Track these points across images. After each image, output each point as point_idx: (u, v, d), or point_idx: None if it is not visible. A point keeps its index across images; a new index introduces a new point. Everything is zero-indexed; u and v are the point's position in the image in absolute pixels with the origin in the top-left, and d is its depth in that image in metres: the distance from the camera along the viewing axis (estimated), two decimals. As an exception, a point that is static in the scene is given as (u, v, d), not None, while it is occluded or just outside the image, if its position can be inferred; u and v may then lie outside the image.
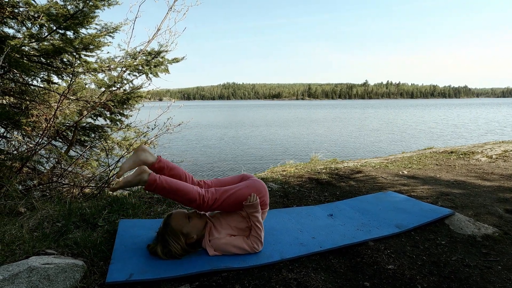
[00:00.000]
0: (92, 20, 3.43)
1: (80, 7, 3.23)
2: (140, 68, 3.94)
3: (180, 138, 16.28)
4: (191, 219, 1.87)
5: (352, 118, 35.58)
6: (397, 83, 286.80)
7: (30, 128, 3.56)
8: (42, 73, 3.72)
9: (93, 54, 3.73)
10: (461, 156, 5.37)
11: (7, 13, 3.26)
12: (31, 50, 3.37)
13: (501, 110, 49.66)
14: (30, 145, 3.58)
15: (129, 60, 3.97)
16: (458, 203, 2.89)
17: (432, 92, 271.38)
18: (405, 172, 4.22)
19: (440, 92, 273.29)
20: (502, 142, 7.31)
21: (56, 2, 3.21)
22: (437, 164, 4.77)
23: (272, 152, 13.64)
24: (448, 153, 5.75)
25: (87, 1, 3.20)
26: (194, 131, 21.56)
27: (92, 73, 3.84)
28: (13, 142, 3.69)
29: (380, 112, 48.07)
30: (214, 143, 16.53)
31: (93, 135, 4.16)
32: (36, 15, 3.32)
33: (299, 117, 37.86)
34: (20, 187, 3.18)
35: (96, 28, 3.59)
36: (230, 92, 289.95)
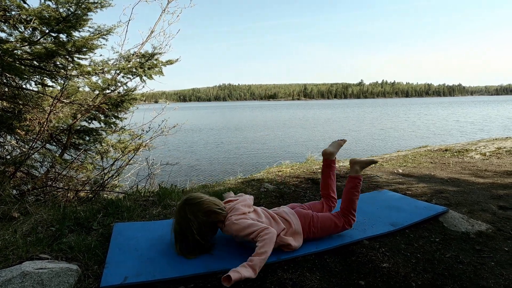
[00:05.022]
0: (85, 22, 3.41)
1: (73, 10, 3.21)
2: (134, 70, 3.93)
3: (175, 140, 16.24)
4: None
5: (365, 117, 35.11)
6: (392, 82, 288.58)
7: (23, 132, 3.53)
8: (35, 76, 3.70)
9: (87, 57, 3.71)
10: (455, 154, 5.41)
11: (-1, 17, 3.23)
12: (24, 53, 3.35)
13: (506, 107, 49.48)
14: (24, 149, 3.55)
15: (123, 63, 3.96)
16: (452, 201, 2.91)
17: (427, 91, 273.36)
18: (400, 171, 4.25)
19: (435, 90, 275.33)
20: (496, 139, 7.39)
21: (48, 5, 3.19)
22: (431, 162, 4.80)
23: (268, 153, 13.66)
24: (443, 151, 5.80)
25: (80, 4, 3.18)
26: (189, 133, 21.54)
27: (86, 76, 3.82)
28: (6, 147, 3.66)
29: (387, 111, 47.80)
30: (209, 145, 16.51)
31: (87, 138, 4.13)
32: (28, 19, 3.30)
33: (303, 118, 36.54)
34: (14, 191, 3.15)
35: (89, 30, 3.57)
36: (226, 94, 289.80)
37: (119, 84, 3.97)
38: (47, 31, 3.30)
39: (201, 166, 11.25)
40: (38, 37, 3.34)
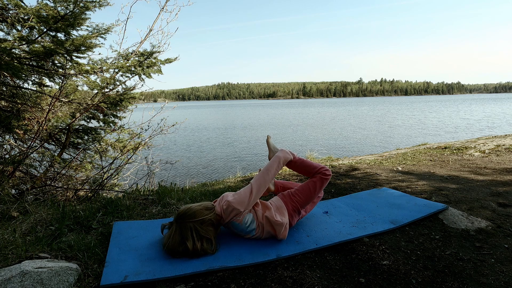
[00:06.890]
0: (83, 21, 3.39)
1: (71, 9, 3.19)
2: (133, 69, 3.91)
3: (174, 139, 16.22)
4: None
5: (370, 115, 34.50)
6: (391, 80, 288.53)
7: (22, 131, 3.52)
8: (33, 75, 3.68)
9: (85, 55, 3.69)
10: (454, 151, 5.42)
11: (-4, 16, 3.22)
12: (22, 52, 3.33)
13: (509, 105, 49.18)
14: (22, 149, 3.54)
15: (122, 61, 3.94)
16: (452, 198, 2.91)
17: (426, 89, 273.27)
18: (400, 168, 4.25)
19: (434, 88, 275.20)
20: (495, 137, 7.40)
21: (46, 4, 3.17)
22: (431, 160, 4.80)
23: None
24: (442, 148, 5.80)
25: (78, 3, 3.16)
26: (189, 132, 21.48)
27: (84, 75, 3.80)
28: (5, 146, 3.65)
29: (389, 109, 47.31)
30: (209, 143, 16.49)
31: (86, 137, 4.12)
32: (26, 17, 3.28)
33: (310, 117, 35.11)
34: (13, 191, 3.14)
35: (87, 29, 3.55)
36: (225, 92, 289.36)
37: (117, 83, 3.95)
38: (45, 30, 3.28)
39: (200, 163, 11.24)
40: (36, 36, 3.32)
